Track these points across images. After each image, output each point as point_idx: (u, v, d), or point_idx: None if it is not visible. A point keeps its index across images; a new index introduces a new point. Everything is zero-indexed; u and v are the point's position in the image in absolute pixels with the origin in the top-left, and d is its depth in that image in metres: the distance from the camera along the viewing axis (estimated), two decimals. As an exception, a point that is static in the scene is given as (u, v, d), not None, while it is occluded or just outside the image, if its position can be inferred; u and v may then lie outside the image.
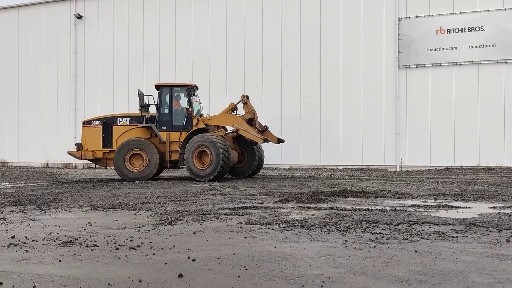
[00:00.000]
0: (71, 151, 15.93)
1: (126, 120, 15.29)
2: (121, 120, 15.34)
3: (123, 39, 24.76)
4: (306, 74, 21.63)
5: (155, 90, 15.32)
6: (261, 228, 5.52)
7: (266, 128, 15.20)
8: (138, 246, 4.54)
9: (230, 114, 15.16)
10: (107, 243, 4.72)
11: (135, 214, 6.89)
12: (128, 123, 15.20)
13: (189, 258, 4.05)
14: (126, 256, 4.17)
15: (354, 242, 4.66)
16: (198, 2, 23.47)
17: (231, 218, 6.29)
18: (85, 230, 5.56)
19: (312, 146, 21.30)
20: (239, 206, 7.67)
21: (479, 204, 7.81)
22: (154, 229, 5.55)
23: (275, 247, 4.44)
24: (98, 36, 25.32)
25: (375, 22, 20.70)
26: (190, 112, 14.63)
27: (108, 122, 15.41)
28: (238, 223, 5.87)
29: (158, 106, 14.99)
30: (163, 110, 15.01)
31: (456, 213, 6.72)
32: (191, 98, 14.82)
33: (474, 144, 19.22)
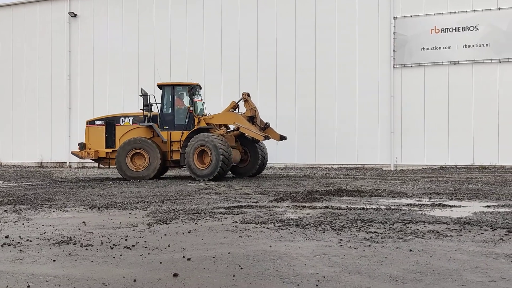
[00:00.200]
0: (74, 151, 15.91)
1: (129, 119, 15.28)
2: (124, 119, 15.33)
3: (118, 38, 24.65)
4: (301, 73, 21.64)
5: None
6: (256, 227, 5.52)
7: (267, 125, 15.05)
8: (133, 246, 4.53)
9: (232, 112, 15.08)
10: (102, 243, 4.70)
11: (130, 213, 6.87)
12: (131, 123, 15.19)
13: (184, 257, 4.05)
14: (121, 255, 4.16)
15: (349, 241, 4.67)
16: (193, 2, 23.42)
17: (226, 217, 6.29)
18: (79, 229, 5.53)
19: (307, 145, 21.32)
20: (234, 205, 7.67)
21: (473, 203, 7.85)
22: (149, 228, 5.53)
23: (270, 246, 4.44)
24: (92, 35, 25.20)
25: (370, 21, 20.74)
26: (191, 111, 14.57)
27: (111, 122, 15.40)
28: (233, 222, 5.87)
29: (161, 105, 14.96)
30: (165, 110, 14.95)
31: (450, 212, 6.75)
32: (194, 97, 14.76)
33: (468, 143, 19.31)
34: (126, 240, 4.83)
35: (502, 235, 4.88)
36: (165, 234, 5.12)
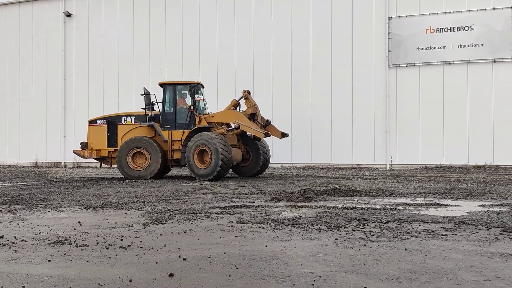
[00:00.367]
0: (76, 150, 15.89)
1: (131, 119, 15.27)
2: (126, 119, 15.32)
3: (113, 38, 24.59)
4: (296, 73, 21.66)
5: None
6: (252, 227, 5.52)
7: (268, 122, 14.98)
8: (129, 246, 4.52)
9: (232, 110, 15.01)
10: (97, 243, 4.69)
11: (126, 213, 6.86)
12: (132, 122, 15.17)
13: (180, 257, 4.04)
14: (116, 255, 4.15)
15: (345, 240, 4.68)
16: (188, 2, 23.38)
17: (222, 217, 6.28)
18: (75, 229, 5.51)
19: (303, 145, 21.33)
20: (230, 205, 7.66)
21: (468, 202, 7.88)
22: (144, 228, 5.52)
23: (266, 246, 4.44)
24: (87, 34, 25.12)
25: (366, 21, 20.79)
26: (191, 110, 14.51)
27: (113, 121, 15.40)
28: (229, 222, 5.86)
29: (162, 104, 14.92)
30: (167, 109, 14.92)
31: (445, 211, 6.78)
32: (195, 96, 14.68)
33: (463, 142, 19.39)
34: (121, 240, 4.82)
35: (497, 234, 4.90)
36: (160, 234, 5.11)
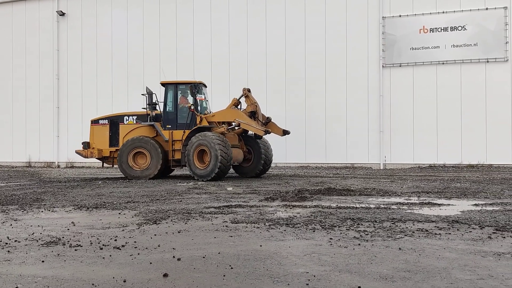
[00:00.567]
0: (78, 150, 15.85)
1: (133, 118, 15.23)
2: (127, 118, 15.27)
3: (107, 37, 24.47)
4: (290, 73, 21.67)
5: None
6: (246, 226, 5.52)
7: (269, 119, 14.82)
8: (123, 246, 4.50)
9: (232, 109, 14.93)
10: (91, 243, 4.67)
11: (119, 213, 6.83)
12: (134, 122, 15.14)
13: (174, 257, 4.03)
14: (110, 256, 4.14)
15: (339, 240, 4.69)
16: (183, 1, 23.33)
17: (216, 217, 6.28)
18: (68, 230, 5.49)
19: (297, 144, 21.32)
20: (224, 204, 7.66)
21: (462, 201, 7.92)
22: (138, 228, 5.51)
23: (261, 246, 4.44)
24: (81, 33, 24.98)
25: (359, 21, 20.83)
26: (192, 110, 14.43)
27: (115, 121, 15.37)
28: (223, 222, 5.86)
29: (164, 104, 14.86)
30: (168, 108, 14.86)
31: (439, 210, 6.81)
32: (196, 96, 14.58)
33: (457, 142, 19.48)
34: (115, 240, 4.81)
35: (490, 233, 4.93)
36: (155, 234, 5.10)
